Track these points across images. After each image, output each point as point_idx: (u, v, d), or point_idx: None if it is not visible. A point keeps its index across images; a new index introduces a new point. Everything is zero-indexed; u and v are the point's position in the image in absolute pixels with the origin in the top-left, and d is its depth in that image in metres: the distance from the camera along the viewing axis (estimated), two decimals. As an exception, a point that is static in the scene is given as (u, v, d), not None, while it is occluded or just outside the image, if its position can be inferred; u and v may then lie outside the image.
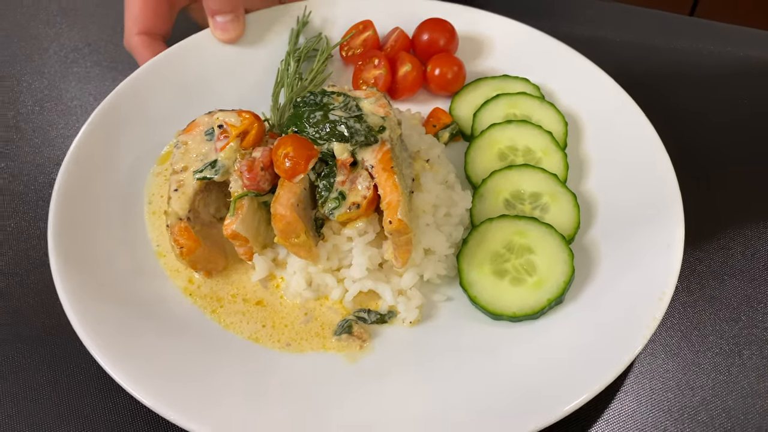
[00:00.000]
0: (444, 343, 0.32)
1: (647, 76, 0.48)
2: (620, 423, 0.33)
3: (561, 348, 0.31)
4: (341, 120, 0.34)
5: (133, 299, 0.33)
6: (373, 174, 0.33)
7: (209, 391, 0.30)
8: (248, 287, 0.34)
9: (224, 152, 0.35)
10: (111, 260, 0.34)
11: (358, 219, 0.33)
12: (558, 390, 0.29)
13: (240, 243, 0.34)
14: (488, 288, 0.33)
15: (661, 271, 0.33)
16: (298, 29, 0.47)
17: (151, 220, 0.38)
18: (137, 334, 0.32)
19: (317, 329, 0.33)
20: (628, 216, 0.37)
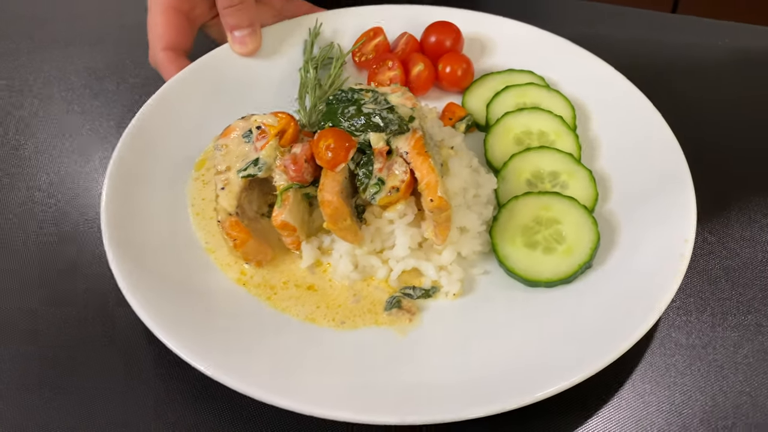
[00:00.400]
0: (486, 312, 0.35)
1: (640, 70, 0.51)
2: (657, 372, 0.35)
3: (595, 307, 0.34)
4: (375, 112, 0.36)
5: (193, 293, 0.35)
6: (408, 160, 0.35)
7: (281, 366, 0.31)
8: (298, 274, 0.36)
9: (265, 150, 0.37)
10: (166, 260, 0.36)
11: (398, 202, 0.36)
12: (599, 342, 0.31)
13: (288, 233, 0.36)
14: (523, 259, 0.36)
15: (679, 230, 0.35)
16: (312, 40, 0.49)
17: (195, 221, 0.40)
18: (206, 325, 0.33)
19: (368, 307, 0.35)
20: (641, 187, 0.39)
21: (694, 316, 0.37)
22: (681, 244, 0.35)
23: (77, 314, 0.38)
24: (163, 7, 0.48)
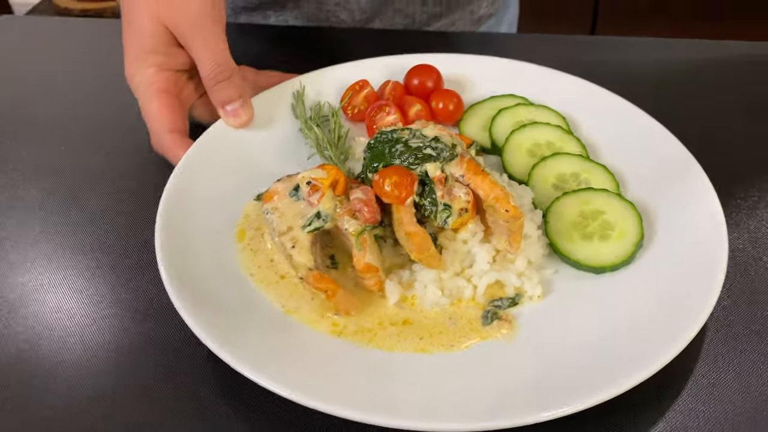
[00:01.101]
0: (569, 304, 0.37)
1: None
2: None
3: (658, 284, 0.37)
4: (424, 145, 0.38)
5: (296, 355, 0.33)
6: (466, 181, 0.37)
7: (424, 402, 0.31)
8: (389, 313, 0.36)
9: (323, 203, 0.37)
10: (251, 332, 0.34)
11: (468, 222, 0.37)
12: (681, 312, 0.34)
13: (371, 274, 0.36)
14: (584, 251, 0.38)
15: (703, 203, 0.40)
16: (301, 101, 0.51)
17: (263, 289, 0.39)
18: (329, 380, 0.32)
19: (467, 326, 0.36)
20: (652, 175, 0.44)
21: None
22: (710, 214, 0.39)
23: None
24: (154, 92, 0.47)
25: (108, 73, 0.57)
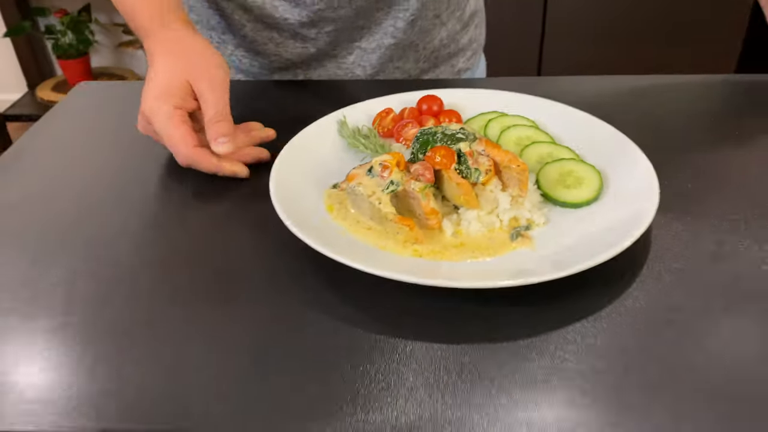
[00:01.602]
0: (562, 227, 0.54)
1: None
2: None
3: (617, 208, 0.55)
4: (456, 132, 0.57)
5: (386, 258, 0.50)
6: (486, 153, 0.56)
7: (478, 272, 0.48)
8: (447, 241, 0.53)
9: (393, 174, 0.55)
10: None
11: (492, 178, 0.55)
12: (629, 224, 0.53)
13: (434, 216, 0.53)
14: (566, 195, 0.56)
15: (642, 165, 0.59)
16: (345, 124, 0.68)
17: (360, 237, 0.55)
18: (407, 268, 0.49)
19: (501, 243, 0.53)
20: (600, 149, 0.63)
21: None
22: (644, 168, 0.58)
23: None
24: (177, 122, 0.61)
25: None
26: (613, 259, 0.48)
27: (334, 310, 0.48)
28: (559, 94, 0.72)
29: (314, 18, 0.80)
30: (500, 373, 0.43)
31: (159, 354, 0.45)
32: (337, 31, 0.83)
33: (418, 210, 0.54)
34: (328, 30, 0.82)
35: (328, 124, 0.68)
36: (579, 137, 0.65)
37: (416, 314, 0.48)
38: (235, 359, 0.45)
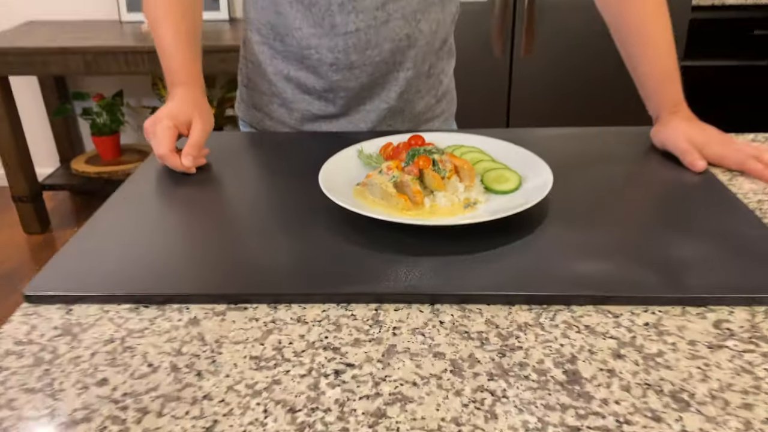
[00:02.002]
0: (499, 203, 0.90)
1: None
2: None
3: (534, 189, 0.91)
4: (432, 149, 0.93)
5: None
6: (450, 160, 0.92)
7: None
8: (426, 209, 0.88)
9: (395, 171, 0.91)
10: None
11: (453, 175, 0.91)
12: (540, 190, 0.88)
13: (419, 195, 0.87)
14: (500, 187, 0.92)
15: (546, 171, 0.96)
16: (362, 151, 1.05)
17: (374, 204, 0.90)
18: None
19: (459, 211, 0.89)
20: (519, 163, 1.00)
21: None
22: (548, 171, 0.95)
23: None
24: (166, 128, 0.95)
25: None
26: (519, 215, 0.84)
27: (357, 240, 0.83)
28: (507, 137, 1.10)
29: (333, 87, 1.19)
30: (440, 250, 0.77)
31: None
32: (348, 97, 1.21)
33: (409, 192, 0.90)
34: (341, 96, 1.21)
35: (350, 152, 1.05)
36: (510, 157, 1.02)
37: (403, 247, 0.82)
38: (287, 258, 0.79)
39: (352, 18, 1.01)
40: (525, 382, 0.60)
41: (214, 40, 2.77)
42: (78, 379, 0.62)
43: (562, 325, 0.68)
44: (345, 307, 0.71)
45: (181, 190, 0.97)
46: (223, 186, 1.00)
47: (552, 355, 0.64)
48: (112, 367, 0.64)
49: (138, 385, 0.61)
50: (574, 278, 0.73)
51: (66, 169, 3.23)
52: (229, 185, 0.95)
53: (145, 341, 0.67)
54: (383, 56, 1.09)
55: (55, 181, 3.15)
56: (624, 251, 0.78)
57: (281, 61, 1.20)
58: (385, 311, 0.71)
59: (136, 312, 0.72)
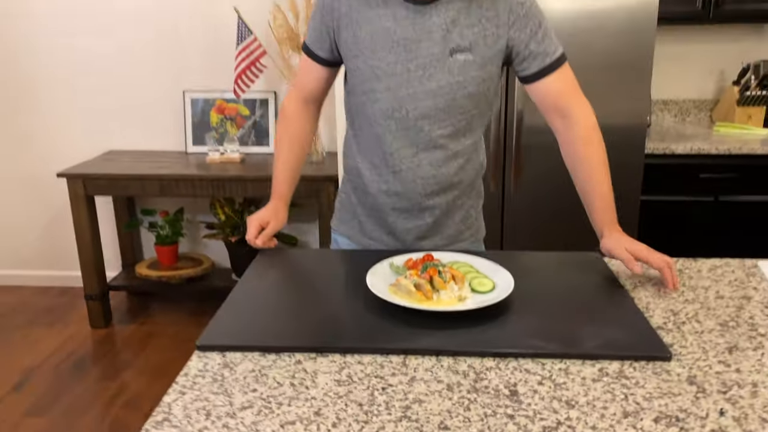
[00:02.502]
0: (483, 298, 1.43)
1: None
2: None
3: (501, 288, 1.43)
4: (438, 264, 1.47)
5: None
6: (449, 271, 1.46)
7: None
8: (434, 301, 1.41)
9: (415, 277, 1.44)
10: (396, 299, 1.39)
11: (451, 280, 1.44)
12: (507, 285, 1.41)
13: (430, 292, 1.41)
14: (481, 287, 1.43)
15: (507, 275, 1.49)
16: (393, 264, 1.58)
17: (401, 298, 1.42)
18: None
19: (454, 302, 1.41)
20: (497, 275, 1.53)
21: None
22: (509, 276, 1.49)
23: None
24: (257, 219, 1.57)
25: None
26: (490, 306, 1.37)
27: (390, 318, 1.35)
28: (489, 257, 1.64)
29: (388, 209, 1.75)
30: (442, 325, 1.29)
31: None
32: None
33: (424, 290, 1.43)
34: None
35: (385, 264, 1.59)
36: (489, 269, 1.55)
37: (419, 323, 1.35)
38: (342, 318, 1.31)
39: (397, 161, 1.50)
40: (486, 394, 1.11)
41: (261, 170, 3.39)
42: (237, 390, 1.13)
43: (511, 367, 1.20)
44: (385, 356, 1.23)
45: (286, 276, 1.51)
46: (314, 277, 1.55)
47: (503, 382, 1.15)
48: (255, 383, 1.15)
49: (266, 393, 1.12)
50: (521, 342, 1.25)
51: (130, 272, 3.80)
52: (317, 277, 1.49)
53: (270, 372, 1.19)
54: (418, 191, 1.55)
55: (120, 282, 3.70)
56: (553, 328, 1.30)
57: (360, 194, 1.65)
58: (409, 358, 1.23)
59: (262, 356, 1.24)
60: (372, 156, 1.49)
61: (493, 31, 1.34)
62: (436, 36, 1.32)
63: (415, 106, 1.38)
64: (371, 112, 1.41)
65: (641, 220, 2.92)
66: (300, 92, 1.57)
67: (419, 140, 1.44)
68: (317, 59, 1.48)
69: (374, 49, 1.34)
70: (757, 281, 1.51)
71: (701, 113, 3.41)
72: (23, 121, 3.71)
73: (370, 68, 1.36)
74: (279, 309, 1.26)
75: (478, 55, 1.34)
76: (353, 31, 1.35)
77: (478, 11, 1.32)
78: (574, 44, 2.51)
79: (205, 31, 3.43)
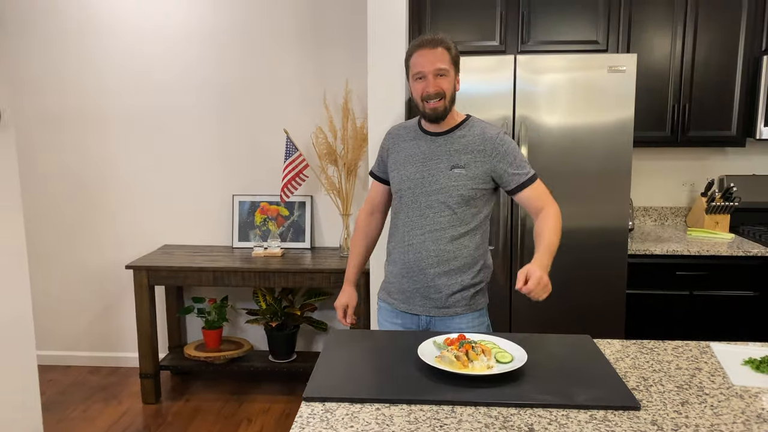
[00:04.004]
0: (506, 365, 1.94)
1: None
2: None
3: (515, 363, 1.95)
4: (471, 341, 1.99)
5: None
6: (480, 346, 1.97)
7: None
8: (469, 368, 1.92)
9: (455, 351, 1.96)
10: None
11: (481, 353, 1.96)
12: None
13: (466, 362, 1.92)
14: (503, 358, 1.94)
15: (523, 355, 2.00)
16: (433, 339, 2.09)
17: (445, 365, 1.92)
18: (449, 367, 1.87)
19: (485, 369, 1.92)
20: (514, 350, 2.04)
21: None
22: (523, 356, 2.01)
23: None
24: (340, 304, 2.35)
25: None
26: (511, 372, 1.88)
27: (438, 381, 1.87)
28: (507, 338, 2.17)
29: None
30: (476, 386, 1.81)
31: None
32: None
33: (461, 360, 1.95)
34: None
35: (430, 342, 2.11)
36: (508, 346, 2.08)
37: (461, 383, 1.86)
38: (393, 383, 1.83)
39: (409, 239, 2.14)
40: (512, 430, 1.62)
41: (300, 264, 3.93)
42: (340, 426, 1.64)
43: (528, 413, 1.71)
44: (438, 406, 1.75)
45: (356, 349, 2.03)
46: (377, 350, 2.07)
47: (523, 423, 1.66)
48: (351, 422, 1.66)
49: (359, 428, 1.63)
50: (534, 397, 1.77)
51: (178, 353, 4.27)
52: (380, 350, 2.03)
53: (359, 415, 1.69)
54: (424, 261, 2.15)
55: (170, 362, 4.16)
56: (556, 387, 1.82)
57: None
58: (456, 407, 1.74)
59: (351, 405, 1.75)
60: (396, 235, 2.19)
61: (481, 159, 2.04)
62: (443, 157, 2.05)
63: (426, 200, 2.05)
64: (398, 205, 2.14)
65: (628, 310, 3.45)
66: (367, 205, 2.34)
67: (426, 224, 2.08)
68: (378, 178, 2.28)
69: (405, 165, 2.10)
70: (707, 357, 2.04)
71: (677, 218, 3.98)
72: (90, 219, 4.30)
73: (400, 176, 2.11)
74: (357, 372, 1.79)
75: (471, 171, 2.03)
76: (395, 155, 2.15)
77: (473, 145, 2.04)
78: (565, 158, 3.10)
79: (254, 146, 4.11)
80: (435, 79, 1.90)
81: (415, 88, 1.95)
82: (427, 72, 1.89)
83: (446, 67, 1.90)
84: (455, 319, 2.11)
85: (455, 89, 1.97)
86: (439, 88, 1.91)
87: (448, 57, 1.90)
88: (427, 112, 1.96)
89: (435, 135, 2.04)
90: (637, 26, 3.35)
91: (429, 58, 1.89)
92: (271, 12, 3.77)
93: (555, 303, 3.42)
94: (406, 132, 2.11)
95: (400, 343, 2.15)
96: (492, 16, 3.38)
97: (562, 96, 2.98)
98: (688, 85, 3.40)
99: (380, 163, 2.21)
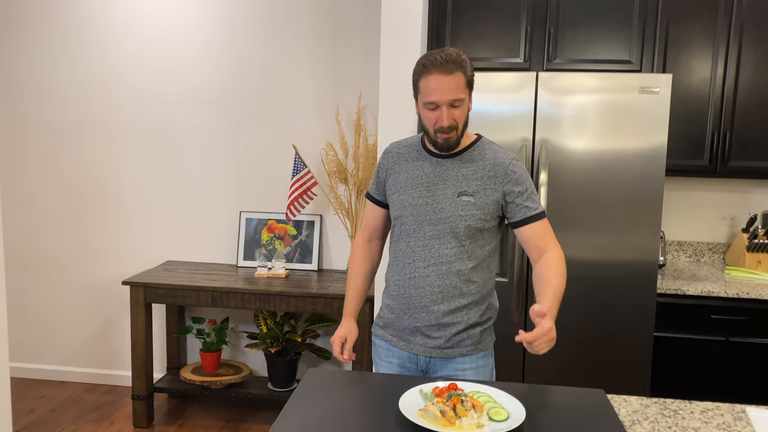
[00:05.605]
0: (493, 425, 1.67)
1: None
2: None
3: (514, 417, 1.67)
4: (461, 394, 1.73)
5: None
6: (470, 400, 1.71)
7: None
8: (457, 426, 1.65)
9: (440, 405, 1.70)
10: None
11: (471, 408, 1.69)
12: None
13: (453, 418, 1.66)
14: (497, 416, 1.69)
15: (521, 411, 1.73)
16: (423, 390, 1.83)
17: (426, 422, 1.66)
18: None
19: (474, 428, 1.65)
20: (510, 404, 1.77)
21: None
22: (521, 412, 1.73)
23: None
24: (338, 337, 2.00)
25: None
26: None
27: (421, 441, 1.61)
28: (504, 389, 1.89)
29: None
30: (469, 457, 1.54)
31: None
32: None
33: (448, 416, 1.68)
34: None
35: (415, 391, 1.85)
36: (504, 400, 1.80)
37: (446, 444, 1.60)
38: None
39: (411, 271, 1.90)
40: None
41: (304, 287, 3.70)
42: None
43: (518, 488, 1.43)
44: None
45: (331, 394, 1.78)
46: (354, 396, 1.81)
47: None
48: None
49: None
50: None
51: (174, 375, 4.07)
52: (357, 396, 1.77)
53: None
54: (427, 297, 1.93)
55: (165, 384, 3.96)
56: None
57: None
58: (433, 475, 1.47)
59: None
60: (396, 266, 1.96)
61: (491, 186, 1.81)
62: (449, 182, 1.83)
63: (430, 229, 1.82)
64: (398, 232, 1.91)
65: (655, 355, 3.11)
66: (364, 232, 2.08)
67: (430, 256, 1.85)
68: (375, 201, 2.02)
69: (406, 188, 1.85)
70: (742, 426, 1.73)
71: (715, 255, 3.64)
72: (93, 233, 4.14)
73: (401, 200, 1.86)
74: (328, 424, 1.53)
75: (479, 200, 1.81)
76: (395, 176, 1.91)
77: (482, 171, 1.82)
78: (589, 184, 2.82)
79: (263, 161, 3.90)
80: (449, 110, 1.69)
81: (427, 117, 1.75)
82: (442, 103, 1.68)
83: (462, 96, 1.70)
84: (458, 360, 1.88)
85: (468, 111, 1.74)
86: (453, 120, 1.72)
87: (463, 82, 1.69)
88: (439, 143, 1.78)
89: (441, 157, 1.83)
90: (673, 47, 3.07)
91: (444, 86, 1.66)
92: (285, 24, 3.61)
93: (574, 344, 3.12)
94: (407, 151, 1.89)
95: (384, 389, 1.89)
96: (517, 32, 3.13)
97: (586, 116, 2.71)
98: (729, 111, 3.09)
99: (378, 184, 1.97)
